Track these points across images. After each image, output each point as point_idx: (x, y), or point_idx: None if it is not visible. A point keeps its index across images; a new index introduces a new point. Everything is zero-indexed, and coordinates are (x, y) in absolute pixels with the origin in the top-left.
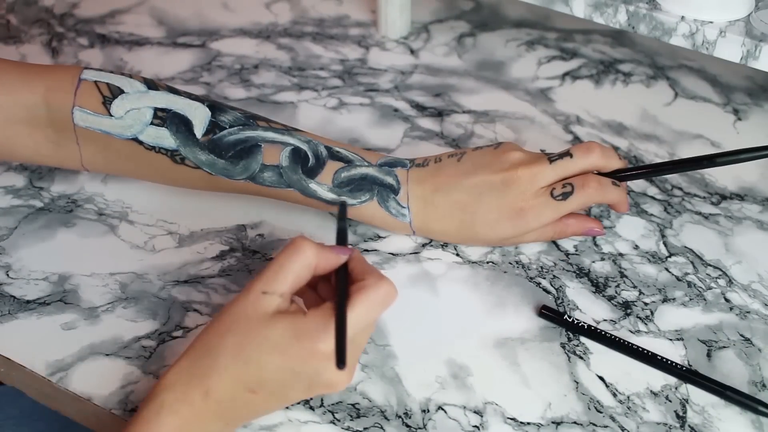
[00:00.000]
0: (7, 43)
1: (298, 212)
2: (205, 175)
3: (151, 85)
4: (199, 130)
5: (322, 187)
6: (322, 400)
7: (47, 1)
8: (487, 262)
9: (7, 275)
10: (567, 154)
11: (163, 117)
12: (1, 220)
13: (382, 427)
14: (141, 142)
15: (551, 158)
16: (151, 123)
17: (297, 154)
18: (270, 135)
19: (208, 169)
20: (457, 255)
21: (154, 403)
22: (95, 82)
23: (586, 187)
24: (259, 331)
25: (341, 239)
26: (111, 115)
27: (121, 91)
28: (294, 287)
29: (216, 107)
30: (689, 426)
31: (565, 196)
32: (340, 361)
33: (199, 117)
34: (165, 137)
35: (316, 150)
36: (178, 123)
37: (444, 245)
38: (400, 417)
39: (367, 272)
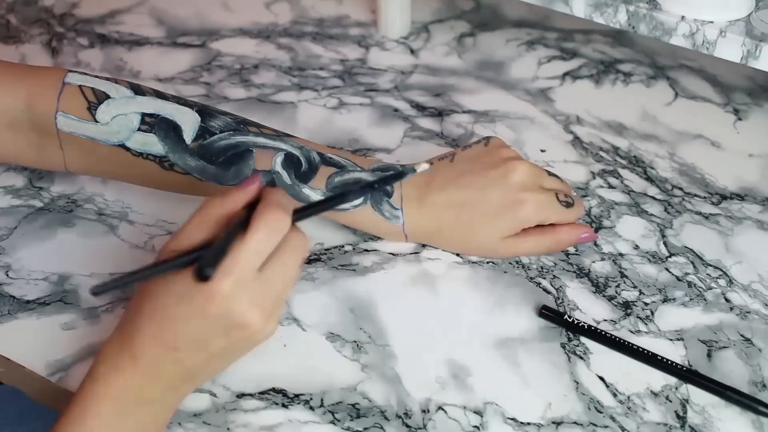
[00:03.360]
0: (7, 43)
1: None
2: (195, 180)
3: (138, 90)
4: (188, 136)
5: (315, 192)
6: (322, 400)
7: (47, 1)
8: (487, 262)
9: (7, 275)
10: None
11: (151, 123)
12: (1, 220)
13: (382, 427)
14: (128, 149)
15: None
16: (139, 129)
17: (290, 160)
18: (261, 140)
19: (198, 175)
20: (457, 255)
21: (90, 376)
22: (80, 86)
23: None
24: (166, 288)
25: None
26: (96, 121)
27: (107, 96)
28: (203, 238)
29: (206, 112)
30: (689, 426)
31: (568, 205)
32: (207, 264)
33: (189, 122)
34: (153, 143)
35: (309, 156)
36: (167, 128)
37: None
38: (400, 417)
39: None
